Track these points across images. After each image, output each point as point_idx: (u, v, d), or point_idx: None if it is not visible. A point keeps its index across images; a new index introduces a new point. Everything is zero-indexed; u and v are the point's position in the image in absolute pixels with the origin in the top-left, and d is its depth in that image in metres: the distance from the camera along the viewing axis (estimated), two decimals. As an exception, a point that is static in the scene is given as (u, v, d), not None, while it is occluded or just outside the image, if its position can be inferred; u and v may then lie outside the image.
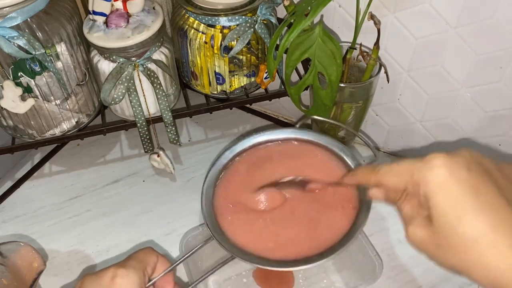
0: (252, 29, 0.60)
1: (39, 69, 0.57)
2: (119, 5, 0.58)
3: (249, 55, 0.64)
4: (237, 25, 0.59)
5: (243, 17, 0.59)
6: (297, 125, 0.59)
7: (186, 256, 0.50)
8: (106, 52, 0.58)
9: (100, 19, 0.58)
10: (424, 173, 0.36)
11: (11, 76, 0.56)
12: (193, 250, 0.50)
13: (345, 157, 0.55)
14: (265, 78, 0.67)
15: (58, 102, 0.61)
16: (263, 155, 0.57)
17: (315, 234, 0.50)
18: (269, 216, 0.52)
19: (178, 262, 0.50)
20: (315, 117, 0.61)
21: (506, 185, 0.35)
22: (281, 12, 0.66)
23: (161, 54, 0.61)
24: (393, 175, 0.39)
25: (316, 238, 0.50)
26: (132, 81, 0.59)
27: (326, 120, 0.61)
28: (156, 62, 0.60)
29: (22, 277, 0.54)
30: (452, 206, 0.34)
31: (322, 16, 0.66)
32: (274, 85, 0.76)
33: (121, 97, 0.60)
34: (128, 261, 0.45)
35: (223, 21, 0.59)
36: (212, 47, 0.61)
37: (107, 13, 0.58)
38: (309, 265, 0.47)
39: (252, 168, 0.56)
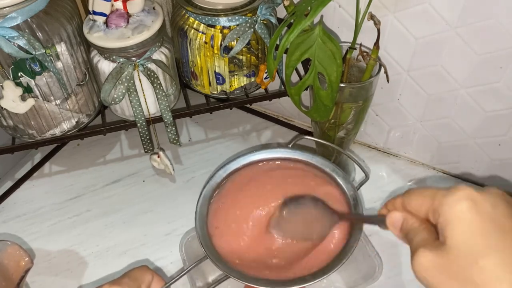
0: (252, 29, 0.60)
1: (39, 69, 0.57)
2: (119, 5, 0.58)
3: (249, 55, 0.64)
4: (237, 25, 0.59)
5: (243, 17, 0.59)
6: (289, 145, 0.60)
7: (179, 276, 0.50)
8: (106, 52, 0.58)
9: (100, 19, 0.58)
10: (446, 199, 0.35)
11: (11, 76, 0.56)
12: (186, 270, 0.51)
13: (337, 178, 0.57)
14: (265, 78, 0.67)
15: (58, 102, 0.61)
16: (256, 175, 0.59)
17: (306, 256, 0.51)
18: (261, 236, 0.53)
19: (172, 280, 0.50)
20: (308, 137, 0.63)
21: None
22: (281, 12, 0.66)
23: (161, 54, 0.61)
24: (417, 196, 0.38)
25: (307, 259, 0.51)
26: (132, 81, 0.59)
27: (319, 140, 0.64)
28: (156, 62, 0.60)
29: (9, 276, 0.54)
30: (472, 238, 0.33)
31: (322, 16, 0.66)
32: (274, 85, 0.76)
33: (121, 97, 0.60)
34: (123, 279, 0.45)
35: (223, 21, 0.59)
36: (212, 47, 0.61)
37: (107, 13, 0.58)
38: (300, 286, 0.48)
39: (245, 188, 0.57)
